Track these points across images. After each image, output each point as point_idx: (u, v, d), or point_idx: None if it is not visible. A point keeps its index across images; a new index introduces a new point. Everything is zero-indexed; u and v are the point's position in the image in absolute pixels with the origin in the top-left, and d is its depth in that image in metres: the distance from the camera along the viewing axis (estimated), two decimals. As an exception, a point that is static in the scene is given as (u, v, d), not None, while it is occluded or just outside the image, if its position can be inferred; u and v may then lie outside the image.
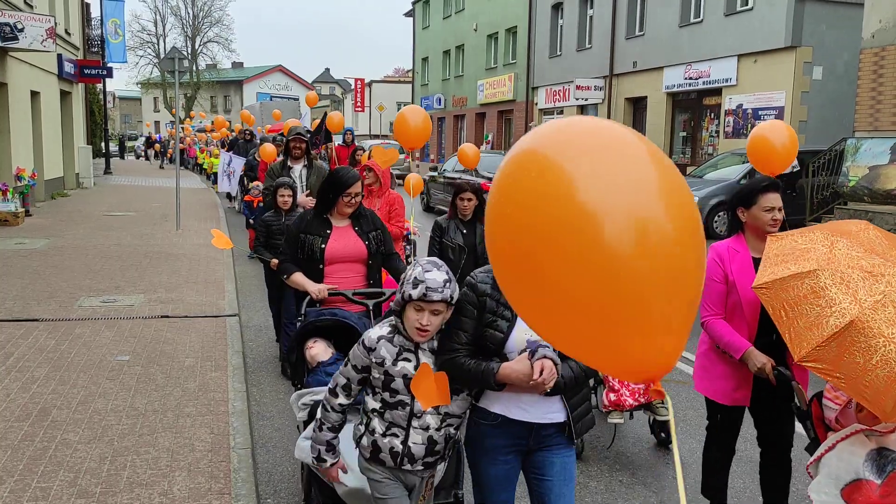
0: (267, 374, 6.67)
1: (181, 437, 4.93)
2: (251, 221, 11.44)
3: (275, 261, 5.64)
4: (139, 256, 11.49)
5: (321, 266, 4.48)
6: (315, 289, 4.38)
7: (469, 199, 5.73)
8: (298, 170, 7.80)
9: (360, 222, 4.61)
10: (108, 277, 9.90)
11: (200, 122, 44.96)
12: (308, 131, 15.42)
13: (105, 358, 6.54)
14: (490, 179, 17.81)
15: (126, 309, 8.29)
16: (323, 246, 4.47)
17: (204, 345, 7.03)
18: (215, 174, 22.29)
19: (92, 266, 10.64)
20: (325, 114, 14.10)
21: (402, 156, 14.52)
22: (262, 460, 4.92)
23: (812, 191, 13.95)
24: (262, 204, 10.70)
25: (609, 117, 24.94)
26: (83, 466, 4.46)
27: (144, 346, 6.91)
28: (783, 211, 3.58)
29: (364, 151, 13.36)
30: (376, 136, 42.41)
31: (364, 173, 6.71)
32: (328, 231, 4.52)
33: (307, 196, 7.57)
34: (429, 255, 5.65)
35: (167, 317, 8.01)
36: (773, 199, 3.58)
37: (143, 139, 53.94)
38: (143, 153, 48.49)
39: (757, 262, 3.43)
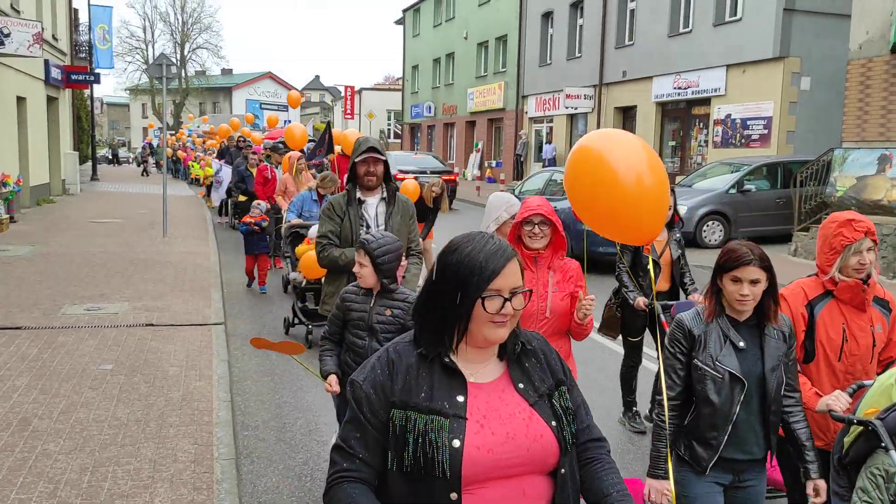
0: (253, 384, 6.59)
1: (164, 448, 4.84)
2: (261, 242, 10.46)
3: (333, 386, 3.87)
4: (125, 264, 11.38)
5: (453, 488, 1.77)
6: None
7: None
8: (374, 205, 4.87)
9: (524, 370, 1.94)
10: (93, 285, 9.79)
11: (199, 126, 42.60)
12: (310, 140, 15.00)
13: (88, 367, 6.44)
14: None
15: (111, 317, 8.19)
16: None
17: (189, 354, 6.95)
18: (209, 186, 21.39)
19: (77, 273, 10.52)
20: (329, 122, 13.84)
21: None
22: (246, 471, 4.85)
23: (800, 201, 13.99)
24: (260, 228, 10.10)
25: (599, 126, 25.00)
26: (63, 477, 4.37)
27: (128, 355, 6.82)
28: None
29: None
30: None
31: None
32: (461, 401, 1.81)
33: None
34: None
35: (152, 325, 7.91)
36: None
37: (143, 146, 51.41)
38: (142, 161, 41.87)
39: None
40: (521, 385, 1.86)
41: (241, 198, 14.40)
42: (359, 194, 4.80)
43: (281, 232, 10.09)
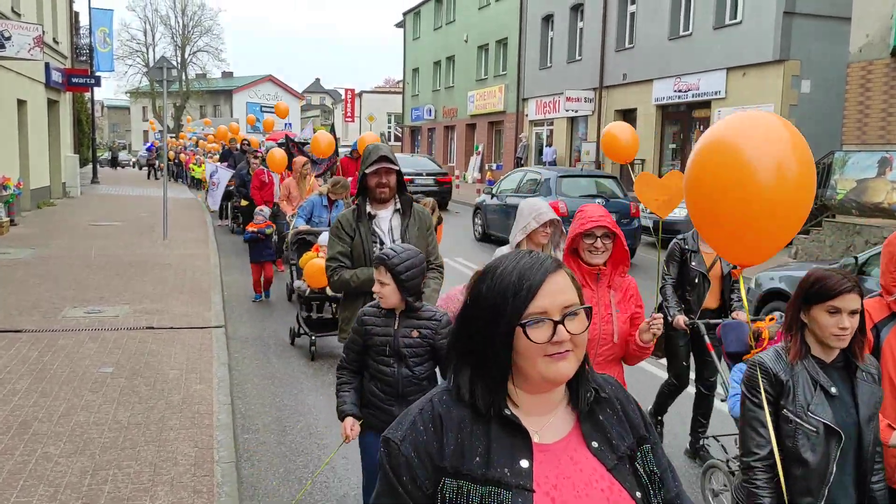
0: (253, 387, 6.59)
1: (164, 451, 4.83)
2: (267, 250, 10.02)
3: (350, 432, 3.42)
4: (125, 266, 11.37)
5: None
6: None
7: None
8: (387, 219, 4.39)
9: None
10: (94, 288, 9.79)
11: (202, 129, 41.84)
12: (305, 142, 14.78)
13: (88, 370, 6.43)
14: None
15: (111, 320, 8.18)
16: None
17: (189, 356, 6.94)
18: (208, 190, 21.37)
19: (77, 276, 10.51)
20: (333, 125, 13.70)
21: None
22: (246, 474, 4.84)
23: (800, 203, 14.01)
24: (264, 235, 9.70)
25: (599, 129, 25.02)
26: (63, 481, 4.36)
27: (129, 358, 6.81)
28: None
29: None
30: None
31: None
32: (526, 467, 1.45)
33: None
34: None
35: (152, 328, 7.90)
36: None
37: (147, 148, 50.26)
38: (148, 164, 40.24)
39: None
40: (595, 444, 1.48)
41: (244, 202, 14.24)
42: (369, 208, 4.33)
43: (285, 237, 9.99)
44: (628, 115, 24.27)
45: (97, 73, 26.66)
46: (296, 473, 4.88)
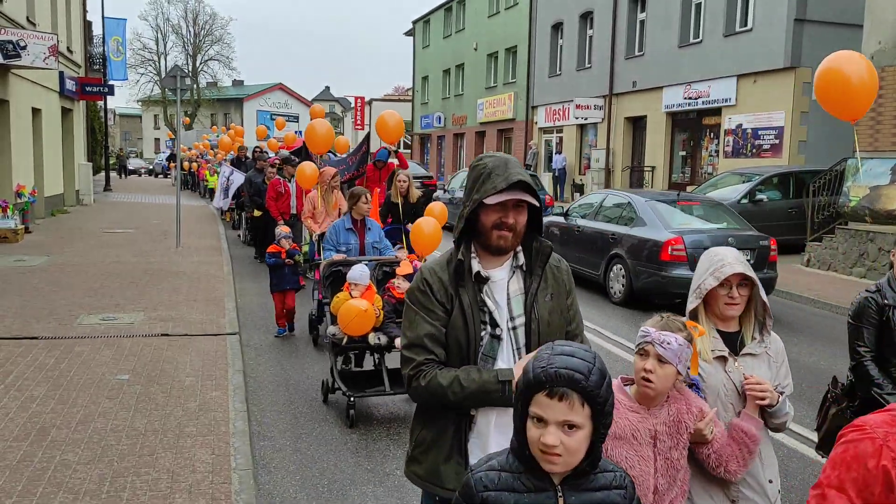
0: (268, 394, 6.62)
1: (182, 458, 4.87)
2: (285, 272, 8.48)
3: None
4: (139, 274, 11.45)
5: None
6: None
7: None
8: (504, 281, 2.62)
9: None
10: (108, 295, 9.86)
11: (217, 136, 41.14)
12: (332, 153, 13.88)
13: (105, 377, 6.48)
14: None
15: (126, 327, 8.24)
16: None
17: (204, 363, 6.98)
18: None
19: (92, 283, 10.59)
20: (368, 133, 11.66)
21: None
22: (263, 481, 4.86)
23: (813, 211, 13.94)
24: (292, 260, 8.32)
25: (609, 136, 25.05)
26: (82, 487, 4.40)
27: (144, 365, 6.86)
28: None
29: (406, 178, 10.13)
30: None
31: None
32: None
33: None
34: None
35: (167, 335, 7.95)
36: None
37: (165, 155, 49.58)
38: (164, 174, 40.47)
39: None
40: None
41: (256, 213, 13.63)
42: (477, 263, 2.53)
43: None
44: (638, 123, 24.27)
45: (110, 82, 26.90)
46: (312, 481, 4.90)
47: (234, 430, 5.39)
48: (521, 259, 2.59)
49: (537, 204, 2.51)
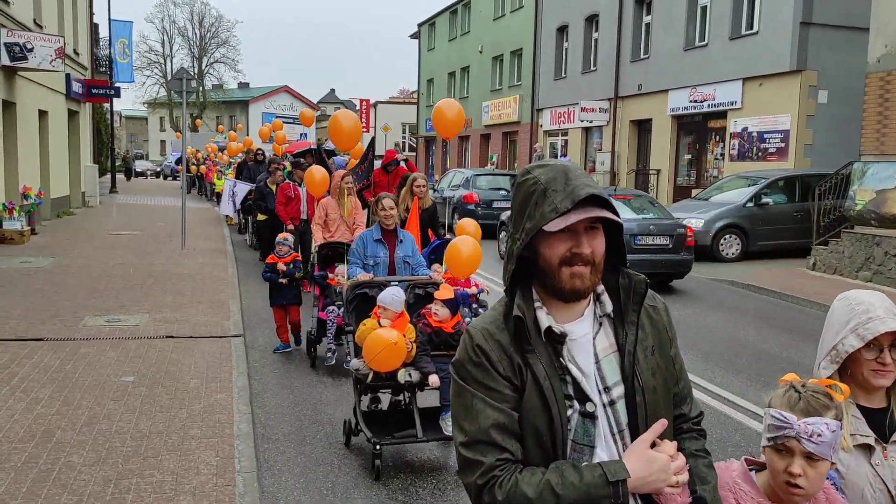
0: (272, 397, 6.62)
1: (186, 460, 4.87)
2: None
3: None
4: (144, 276, 11.47)
5: None
6: None
7: None
8: (586, 337, 1.84)
9: None
10: (113, 297, 9.88)
11: (224, 138, 40.71)
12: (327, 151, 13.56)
13: (110, 378, 6.49)
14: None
15: (131, 329, 8.25)
16: None
17: (209, 366, 6.99)
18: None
19: (97, 285, 10.62)
20: (373, 138, 11.24)
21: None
22: (267, 484, 4.86)
23: (818, 214, 13.90)
24: (290, 276, 7.73)
25: (614, 139, 25.03)
26: (87, 489, 4.40)
27: (149, 367, 6.87)
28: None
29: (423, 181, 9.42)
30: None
31: None
32: None
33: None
34: None
35: (172, 337, 7.97)
36: None
37: (175, 157, 48.96)
38: (174, 176, 38.97)
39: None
40: None
41: (261, 217, 13.24)
42: (545, 315, 1.82)
43: (311, 259, 8.49)
44: (643, 126, 24.25)
45: (116, 84, 26.97)
46: (316, 484, 4.90)
47: (238, 432, 5.39)
48: (608, 303, 1.85)
49: (619, 220, 1.78)
